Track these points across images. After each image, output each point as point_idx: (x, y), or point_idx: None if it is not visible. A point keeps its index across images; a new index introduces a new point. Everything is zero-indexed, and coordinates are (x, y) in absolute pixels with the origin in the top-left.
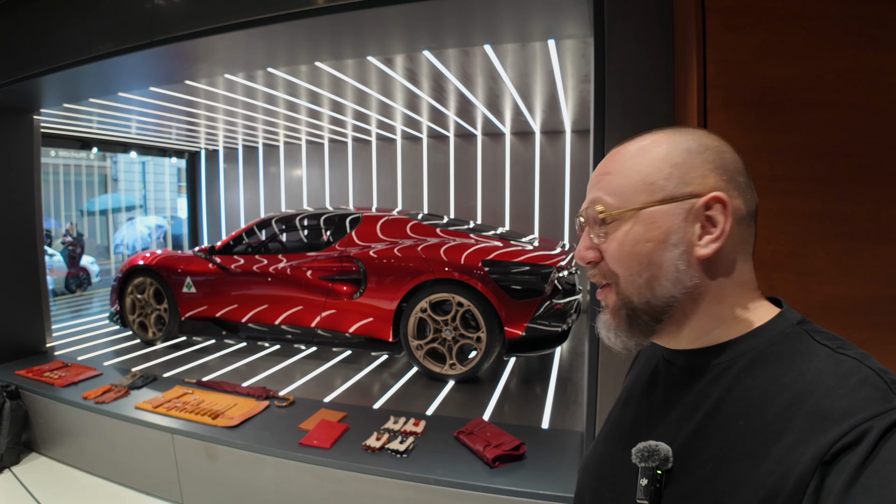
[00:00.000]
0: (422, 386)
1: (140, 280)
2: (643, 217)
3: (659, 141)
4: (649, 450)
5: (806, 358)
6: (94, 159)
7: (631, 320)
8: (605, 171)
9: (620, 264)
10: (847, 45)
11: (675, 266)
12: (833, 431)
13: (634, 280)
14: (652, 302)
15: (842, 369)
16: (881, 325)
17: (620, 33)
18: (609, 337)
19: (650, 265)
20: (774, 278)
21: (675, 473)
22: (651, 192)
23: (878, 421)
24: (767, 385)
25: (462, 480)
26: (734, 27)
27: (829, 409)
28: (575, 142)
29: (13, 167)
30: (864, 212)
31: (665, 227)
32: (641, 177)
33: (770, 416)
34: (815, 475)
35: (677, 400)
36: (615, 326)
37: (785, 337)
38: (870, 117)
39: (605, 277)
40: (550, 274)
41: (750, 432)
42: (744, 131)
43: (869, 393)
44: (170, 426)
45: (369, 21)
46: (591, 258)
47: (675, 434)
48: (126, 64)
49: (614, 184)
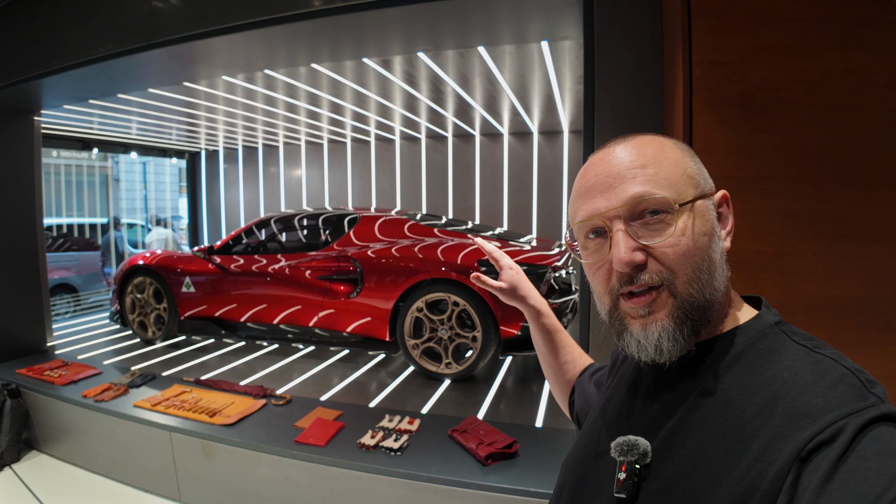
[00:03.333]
0: (418, 385)
1: (140, 280)
2: (697, 210)
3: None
4: (628, 444)
5: (783, 357)
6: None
7: (694, 323)
8: (637, 165)
9: (684, 260)
10: (833, 46)
11: (721, 259)
12: (810, 428)
13: (698, 276)
14: (710, 298)
15: (818, 368)
16: (867, 326)
17: (610, 35)
18: (663, 347)
19: (709, 260)
20: (760, 278)
21: (653, 468)
22: (694, 186)
23: (853, 419)
24: (746, 383)
25: (455, 478)
26: (720, 29)
27: (806, 406)
28: (572, 142)
29: (14, 168)
30: (850, 212)
31: (710, 220)
32: (681, 170)
33: (748, 413)
34: (792, 471)
35: (658, 396)
36: (675, 332)
37: (763, 336)
38: (856, 118)
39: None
40: (546, 274)
41: (728, 429)
42: (729, 132)
43: (845, 391)
44: (168, 424)
45: (368, 23)
46: (641, 259)
47: (654, 430)
48: (125, 66)
49: (660, 176)
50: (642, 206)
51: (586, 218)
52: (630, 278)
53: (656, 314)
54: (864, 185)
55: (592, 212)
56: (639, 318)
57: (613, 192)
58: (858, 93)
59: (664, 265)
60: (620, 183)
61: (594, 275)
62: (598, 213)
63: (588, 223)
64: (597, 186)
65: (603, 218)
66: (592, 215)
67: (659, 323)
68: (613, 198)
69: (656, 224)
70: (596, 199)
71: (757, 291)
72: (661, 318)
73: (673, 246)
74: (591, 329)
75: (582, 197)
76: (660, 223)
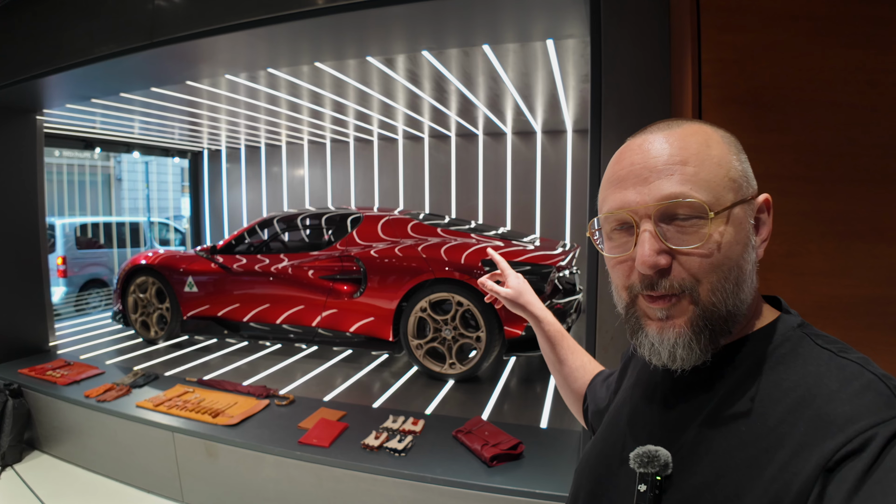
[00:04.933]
0: (422, 385)
1: (142, 279)
2: (734, 217)
3: (709, 133)
4: (649, 455)
5: (808, 362)
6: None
7: (713, 333)
8: (677, 161)
9: (713, 270)
10: (842, 44)
11: (752, 269)
12: (837, 438)
13: (723, 287)
14: (733, 311)
15: (844, 374)
16: (877, 326)
17: (616, 33)
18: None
19: (738, 269)
20: (770, 278)
21: (674, 479)
22: (735, 191)
23: (882, 428)
24: (770, 390)
25: (459, 479)
26: (729, 26)
27: (833, 414)
28: (576, 141)
29: (16, 167)
30: (860, 211)
31: (747, 228)
32: (724, 171)
33: (772, 421)
34: (818, 482)
35: (678, 404)
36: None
37: (786, 340)
38: (866, 116)
39: (679, 287)
40: (550, 274)
41: (752, 438)
42: (738, 131)
43: (872, 399)
44: (171, 424)
45: (371, 21)
46: (666, 263)
47: (674, 439)
48: (127, 65)
49: (700, 177)
50: (675, 209)
51: (615, 209)
52: (651, 283)
53: (675, 320)
54: (875, 185)
55: (622, 204)
56: (656, 321)
57: (647, 187)
58: (868, 91)
59: (689, 272)
60: (657, 178)
61: (614, 268)
62: (627, 207)
63: (615, 215)
64: (630, 177)
65: (632, 213)
66: (622, 207)
67: (677, 329)
68: (647, 193)
69: (688, 228)
70: (628, 191)
71: (767, 292)
72: (679, 325)
73: (702, 255)
74: (598, 330)
75: (613, 185)
76: (692, 228)
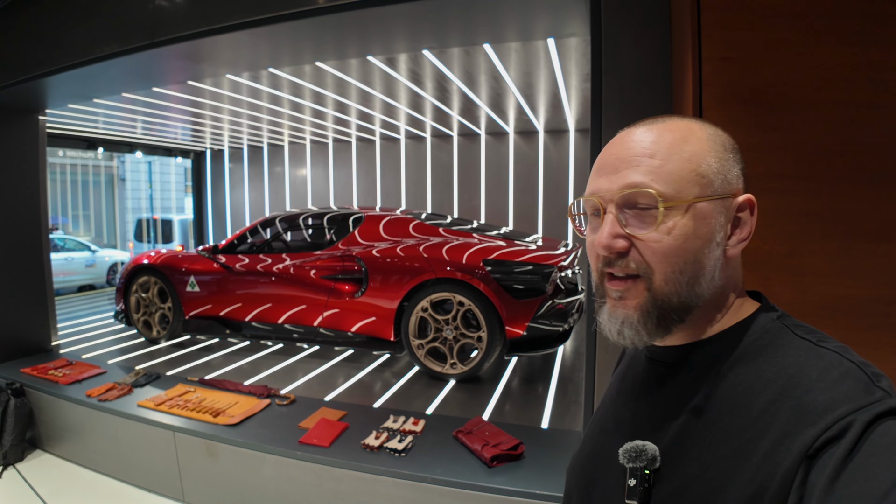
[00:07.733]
0: (423, 385)
1: (144, 279)
2: (696, 211)
3: (692, 130)
4: (637, 450)
5: (787, 352)
6: (102, 159)
7: (660, 319)
8: (646, 153)
9: (664, 259)
10: (843, 42)
11: (714, 266)
12: (817, 425)
13: (676, 278)
14: (686, 302)
15: (823, 363)
16: (881, 327)
17: (617, 32)
18: (625, 333)
19: (695, 263)
20: (771, 279)
21: (663, 473)
22: (703, 186)
23: (861, 414)
24: (751, 381)
25: (459, 480)
26: (729, 24)
27: (813, 402)
28: (579, 141)
29: (19, 167)
30: (862, 210)
31: (712, 224)
32: (693, 167)
33: (755, 412)
34: (800, 469)
35: (662, 398)
36: (639, 323)
37: (766, 332)
38: (867, 115)
39: (636, 269)
40: (552, 273)
41: (736, 429)
42: (739, 129)
43: (851, 386)
44: (172, 424)
45: (372, 20)
46: (622, 247)
47: (661, 433)
48: (130, 64)
49: (664, 170)
50: (632, 197)
51: (588, 195)
52: (609, 262)
53: (627, 301)
54: (877, 184)
55: (594, 190)
56: (612, 300)
57: (616, 176)
58: (870, 90)
59: (644, 258)
60: (625, 168)
61: (589, 249)
62: (597, 193)
63: (589, 201)
64: (605, 166)
65: (600, 198)
66: (594, 193)
67: (626, 310)
68: (614, 181)
69: (646, 217)
70: (601, 179)
71: (768, 292)
72: (630, 306)
73: (655, 241)
74: (599, 329)
75: (594, 173)
76: (649, 217)
